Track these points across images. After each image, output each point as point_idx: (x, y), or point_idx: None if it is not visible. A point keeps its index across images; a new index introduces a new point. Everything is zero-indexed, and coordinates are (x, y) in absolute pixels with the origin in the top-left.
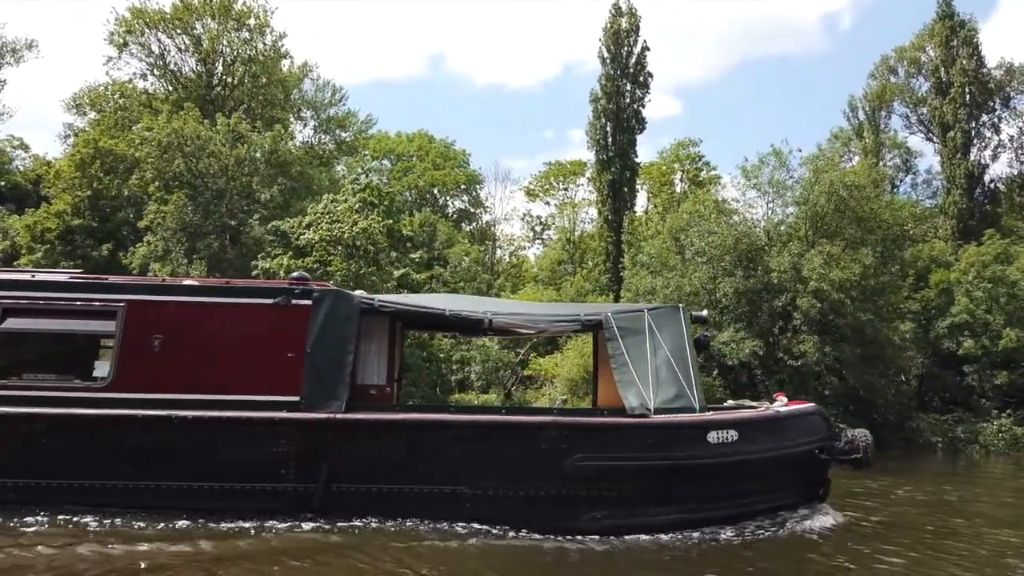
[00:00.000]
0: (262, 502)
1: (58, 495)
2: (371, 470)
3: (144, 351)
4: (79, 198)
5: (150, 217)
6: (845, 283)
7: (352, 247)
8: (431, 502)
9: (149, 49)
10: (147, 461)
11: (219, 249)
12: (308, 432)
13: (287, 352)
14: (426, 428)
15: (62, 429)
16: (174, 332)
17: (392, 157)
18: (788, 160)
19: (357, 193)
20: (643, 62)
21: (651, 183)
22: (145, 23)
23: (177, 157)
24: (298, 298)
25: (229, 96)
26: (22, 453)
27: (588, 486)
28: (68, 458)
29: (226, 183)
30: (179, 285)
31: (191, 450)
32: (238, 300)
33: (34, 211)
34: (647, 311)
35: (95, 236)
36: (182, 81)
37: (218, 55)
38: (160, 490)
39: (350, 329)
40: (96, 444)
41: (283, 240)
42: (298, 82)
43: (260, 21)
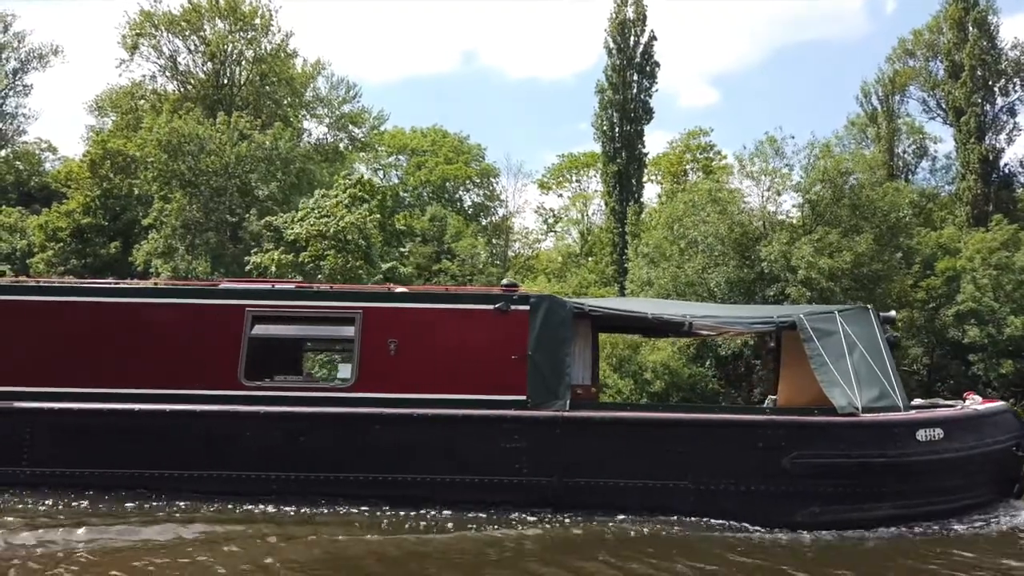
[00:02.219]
0: (498, 494)
1: (313, 487)
2: (599, 465)
3: (381, 354)
4: (89, 197)
5: (153, 215)
6: (836, 271)
7: (343, 241)
8: (657, 496)
9: (160, 51)
10: (390, 456)
11: (218, 245)
12: (539, 429)
13: (510, 354)
14: (651, 425)
15: (316, 427)
16: (407, 336)
17: (407, 153)
18: (782, 148)
19: (347, 188)
20: (650, 52)
21: (662, 174)
22: (154, 25)
23: (177, 156)
24: (516, 304)
25: (236, 95)
26: (282, 450)
27: (806, 482)
28: (321, 454)
29: (226, 180)
30: (409, 293)
31: (431, 446)
32: (463, 306)
33: (47, 211)
34: (837, 312)
35: (105, 234)
36: (192, 82)
37: (226, 55)
38: (401, 482)
39: (565, 332)
40: (345, 441)
41: (278, 235)
42: (310, 80)
43: (264, 21)
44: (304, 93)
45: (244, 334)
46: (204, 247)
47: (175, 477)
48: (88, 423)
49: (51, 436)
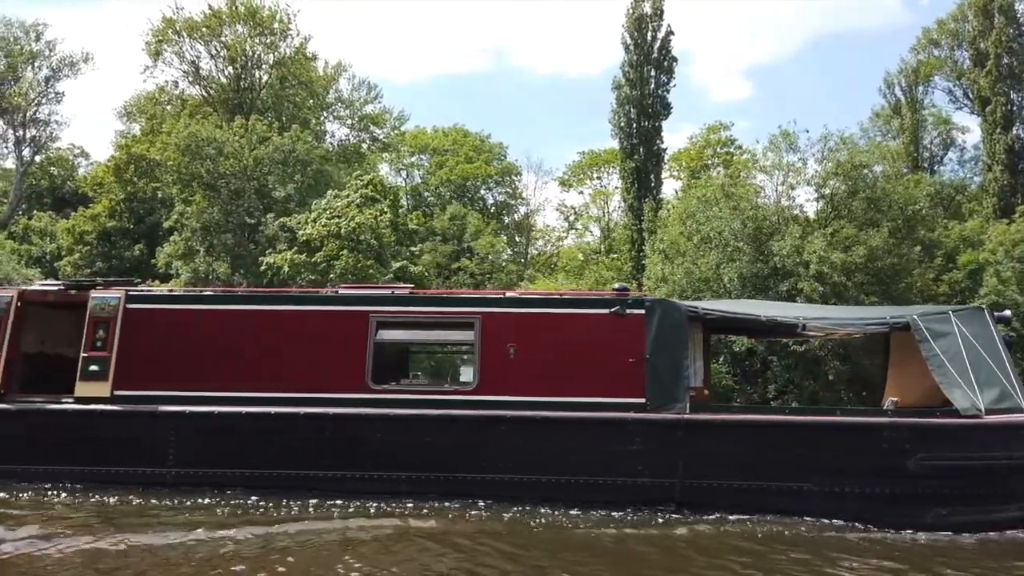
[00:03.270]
0: (619, 495)
1: (440, 487)
2: (721, 467)
3: (501, 358)
4: (114, 201)
5: (174, 218)
6: (849, 265)
7: (355, 240)
8: (778, 497)
9: (182, 57)
10: (514, 457)
11: (235, 245)
12: (660, 431)
13: (627, 357)
14: (773, 428)
15: (443, 429)
16: (524, 340)
17: (429, 152)
18: (796, 141)
19: (359, 189)
20: (667, 47)
21: (681, 169)
22: (176, 32)
23: (196, 159)
24: (632, 307)
25: (256, 99)
26: (410, 451)
27: (932, 484)
28: (447, 455)
29: (244, 183)
30: (526, 297)
31: (552, 447)
32: (578, 310)
33: (75, 215)
34: (952, 312)
35: (130, 237)
36: (214, 86)
37: (246, 59)
38: (523, 483)
39: (681, 335)
40: (470, 442)
41: (292, 236)
42: (332, 82)
43: (282, 25)
44: (326, 95)
45: (369, 339)
46: (222, 248)
47: (311, 477)
48: (228, 425)
49: (193, 438)
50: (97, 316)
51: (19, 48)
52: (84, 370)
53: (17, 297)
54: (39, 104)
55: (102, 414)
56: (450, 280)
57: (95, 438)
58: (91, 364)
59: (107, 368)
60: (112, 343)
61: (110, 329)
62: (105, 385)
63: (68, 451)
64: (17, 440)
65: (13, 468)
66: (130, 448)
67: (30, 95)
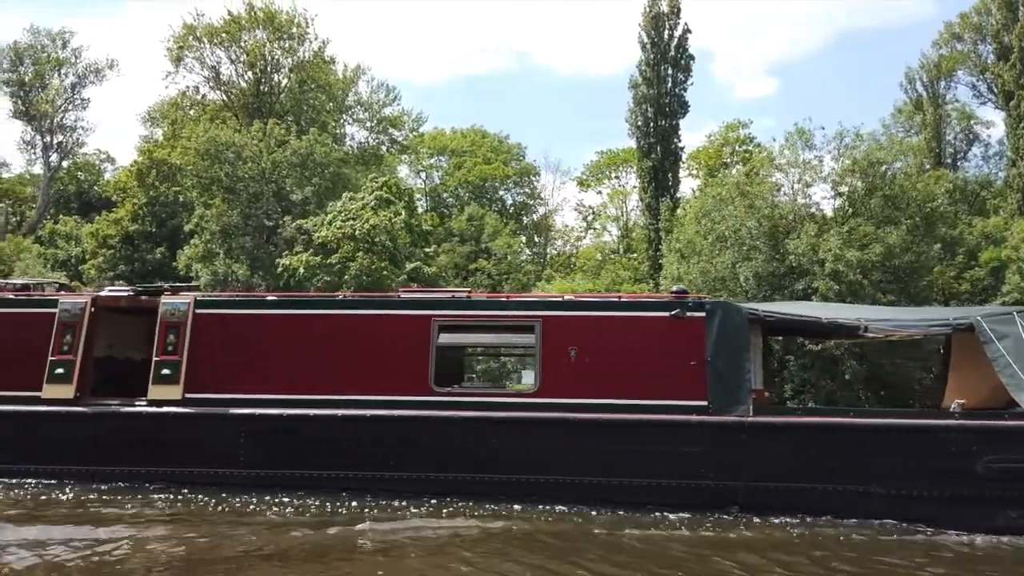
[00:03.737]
0: (681, 497)
1: (504, 489)
2: (784, 469)
3: (562, 360)
4: (137, 205)
5: (194, 221)
6: (865, 263)
7: (371, 242)
8: (843, 500)
9: (203, 62)
10: (576, 459)
11: (254, 248)
12: (724, 434)
13: (689, 360)
14: (837, 430)
15: (506, 431)
16: (585, 343)
17: (447, 154)
18: (812, 139)
19: (374, 191)
20: (684, 45)
21: (700, 167)
22: (196, 37)
23: (215, 163)
24: (692, 310)
25: (275, 103)
26: (475, 453)
27: (1001, 487)
28: (511, 457)
29: (263, 186)
30: (586, 301)
31: (616, 449)
32: (638, 313)
33: (99, 219)
34: (1016, 313)
35: (152, 240)
36: (234, 91)
37: (265, 63)
38: (586, 485)
39: (743, 337)
40: (531, 445)
41: (309, 238)
42: (350, 85)
43: (300, 30)
44: (346, 97)
45: (432, 343)
46: (240, 251)
47: (377, 478)
48: (295, 428)
49: (262, 440)
50: (168, 321)
51: (46, 56)
52: (156, 374)
53: (91, 303)
54: (65, 110)
55: (175, 416)
56: (468, 281)
57: (168, 440)
58: (163, 368)
59: (178, 372)
60: (183, 347)
61: (180, 333)
62: (177, 388)
63: (143, 452)
64: (94, 442)
65: (91, 469)
66: (202, 449)
67: (57, 102)
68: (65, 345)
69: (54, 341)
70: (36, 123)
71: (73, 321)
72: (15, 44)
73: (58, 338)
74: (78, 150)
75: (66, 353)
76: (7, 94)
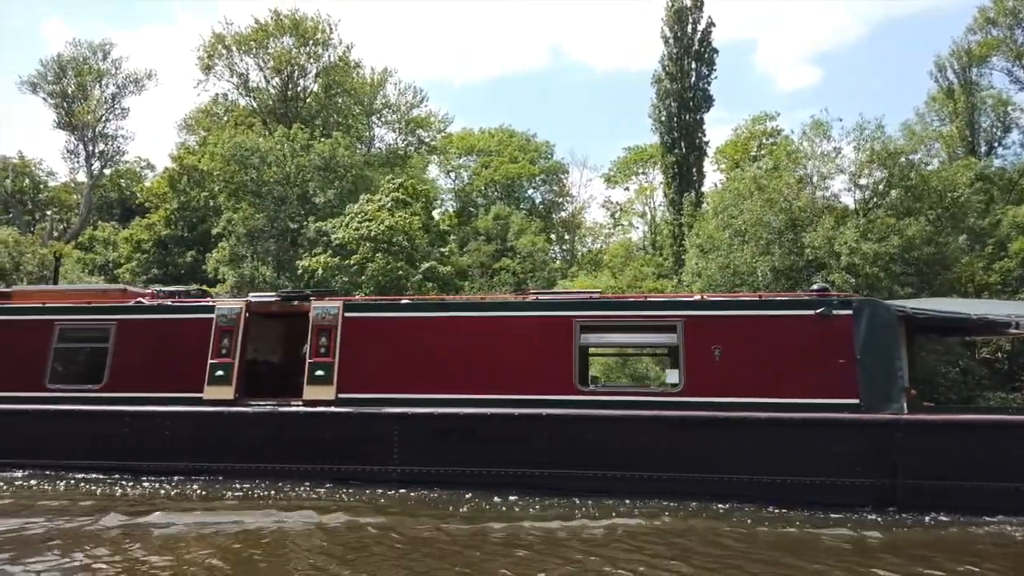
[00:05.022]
0: (832, 495)
1: (650, 486)
2: (942, 467)
3: (706, 359)
4: (169, 211)
5: (222, 224)
6: (883, 256)
7: (387, 243)
8: (1003, 498)
9: (233, 70)
10: (722, 457)
11: (278, 251)
12: (879, 432)
13: (836, 358)
14: (996, 428)
15: (653, 429)
16: (728, 342)
17: (475, 153)
18: (830, 130)
19: (390, 192)
20: (708, 39)
21: (725, 161)
22: (225, 46)
23: (240, 168)
24: (838, 308)
25: (302, 108)
26: (622, 451)
27: None
28: (658, 455)
29: (288, 189)
30: (728, 300)
31: (763, 447)
32: (782, 312)
33: (134, 224)
34: None
35: (184, 244)
36: (262, 97)
37: (292, 68)
38: (736, 483)
39: (893, 335)
40: (675, 443)
41: (328, 240)
42: (379, 87)
43: (324, 36)
44: (374, 100)
45: (575, 343)
46: (265, 254)
47: (523, 475)
48: (447, 426)
49: (416, 438)
50: (319, 324)
51: (87, 67)
52: (311, 375)
53: (245, 308)
54: (106, 120)
55: (332, 416)
56: (493, 280)
57: (324, 438)
58: (317, 369)
59: (331, 373)
60: (334, 349)
61: (331, 337)
62: (331, 389)
63: (301, 450)
64: (256, 441)
65: (252, 466)
66: (357, 447)
67: (98, 112)
68: (223, 348)
69: (213, 345)
70: (79, 133)
71: (230, 326)
72: (58, 56)
73: (216, 342)
74: (119, 158)
75: (224, 356)
76: (51, 106)
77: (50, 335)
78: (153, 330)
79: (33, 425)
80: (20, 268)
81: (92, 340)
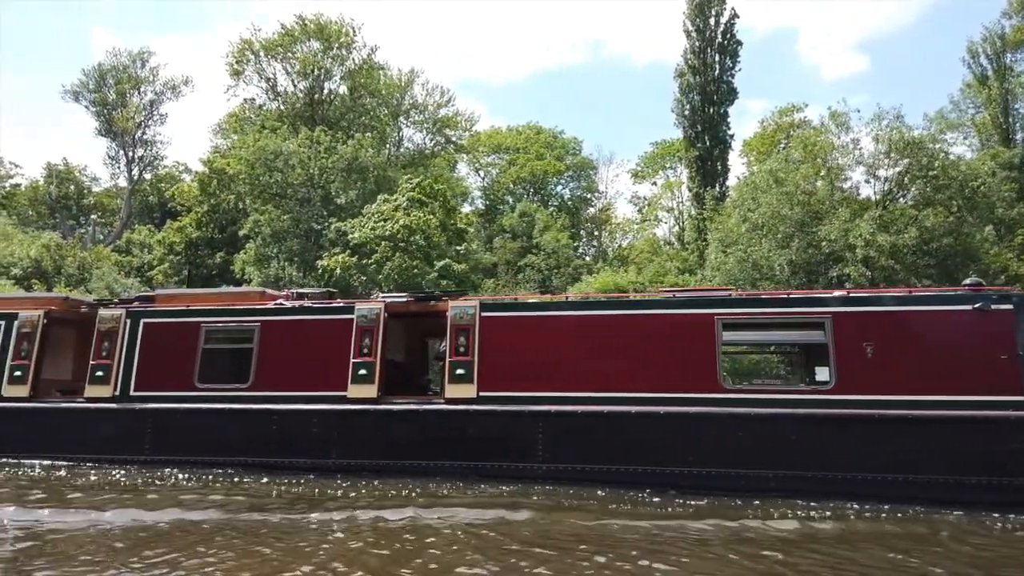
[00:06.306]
0: (1006, 496)
1: (800, 485)
2: None
3: (858, 357)
4: (200, 213)
5: (248, 226)
6: (901, 248)
7: (405, 241)
8: None
9: (261, 74)
10: (882, 457)
11: (302, 251)
12: None
13: (998, 354)
14: None
15: (806, 428)
16: (880, 338)
17: (503, 151)
18: (848, 122)
19: (407, 193)
20: (731, 31)
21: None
22: (253, 52)
23: (267, 171)
24: (997, 303)
25: (328, 110)
26: (773, 450)
27: None
28: (811, 454)
29: (311, 190)
30: (878, 296)
31: (925, 447)
32: (936, 307)
33: (165, 227)
34: None
35: (213, 246)
36: (290, 101)
37: (318, 72)
38: (893, 482)
39: None
40: (830, 442)
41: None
42: (406, 89)
43: (347, 39)
44: (402, 101)
45: (717, 340)
46: (291, 254)
47: (669, 474)
48: (591, 424)
49: (560, 435)
50: (457, 324)
51: (127, 75)
52: (452, 373)
53: (384, 308)
54: (145, 126)
55: (477, 413)
56: (518, 276)
57: (468, 436)
58: (458, 368)
59: (472, 371)
60: (473, 348)
61: (470, 336)
62: (472, 387)
63: (445, 447)
64: (401, 438)
65: (398, 463)
66: (502, 444)
67: (136, 118)
68: (365, 348)
69: (355, 344)
70: (119, 139)
71: (370, 326)
72: (99, 66)
73: (358, 341)
74: (158, 163)
75: (366, 355)
76: (92, 113)
77: (198, 336)
78: (296, 330)
79: (186, 422)
80: (61, 271)
81: (237, 340)
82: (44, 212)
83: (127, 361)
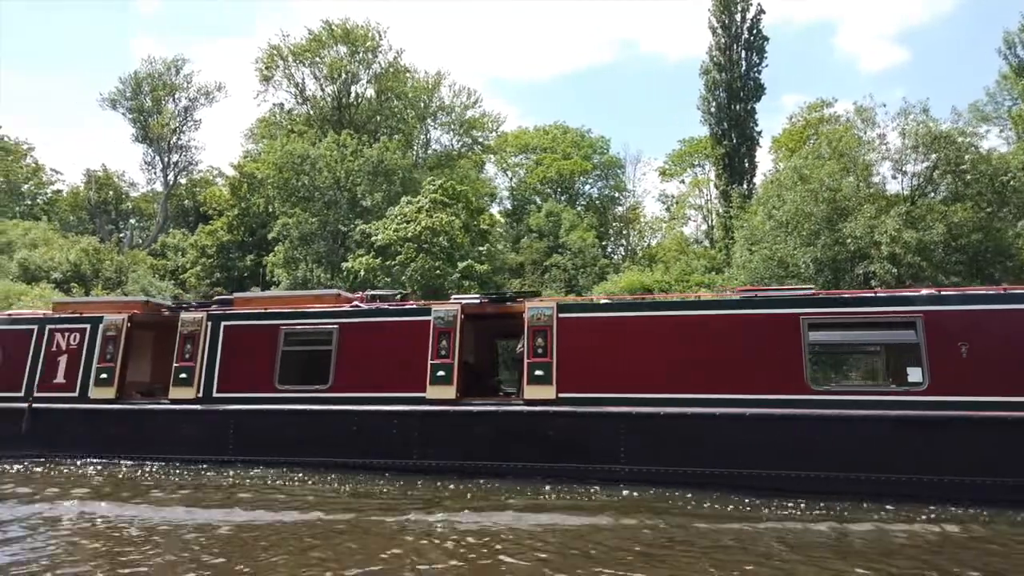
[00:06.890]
0: None
1: (894, 488)
2: None
3: (951, 357)
4: (230, 217)
5: (277, 229)
6: (928, 244)
7: (428, 242)
8: None
9: (290, 79)
10: (984, 459)
11: (328, 252)
12: None
13: None
14: None
15: (900, 430)
16: (975, 338)
17: (530, 151)
18: (874, 116)
19: (430, 194)
20: (757, 27)
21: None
22: (282, 57)
23: (294, 175)
24: None
25: (355, 114)
26: (864, 452)
27: None
28: (906, 456)
29: (337, 193)
30: (970, 294)
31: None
32: None
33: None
34: None
35: (244, 249)
36: (319, 105)
37: (346, 76)
38: (992, 486)
39: None
40: (926, 444)
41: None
42: (433, 91)
43: (373, 43)
44: (429, 103)
45: (803, 341)
46: (316, 256)
47: (755, 476)
48: (673, 425)
49: (642, 437)
50: (535, 325)
51: (162, 83)
52: (531, 375)
53: (461, 310)
54: (180, 132)
55: (558, 415)
56: (544, 276)
57: (549, 437)
58: (536, 369)
59: (551, 373)
60: (551, 349)
61: (548, 337)
62: (551, 388)
63: (526, 448)
64: (481, 439)
65: (477, 464)
66: (583, 446)
67: (171, 124)
68: (442, 349)
69: (432, 346)
70: (155, 145)
71: (448, 327)
72: (135, 73)
73: (436, 343)
74: (192, 168)
75: (444, 357)
76: (129, 120)
77: (277, 338)
78: (374, 332)
79: (267, 423)
80: (99, 275)
81: (316, 343)
82: (84, 217)
83: (209, 363)
